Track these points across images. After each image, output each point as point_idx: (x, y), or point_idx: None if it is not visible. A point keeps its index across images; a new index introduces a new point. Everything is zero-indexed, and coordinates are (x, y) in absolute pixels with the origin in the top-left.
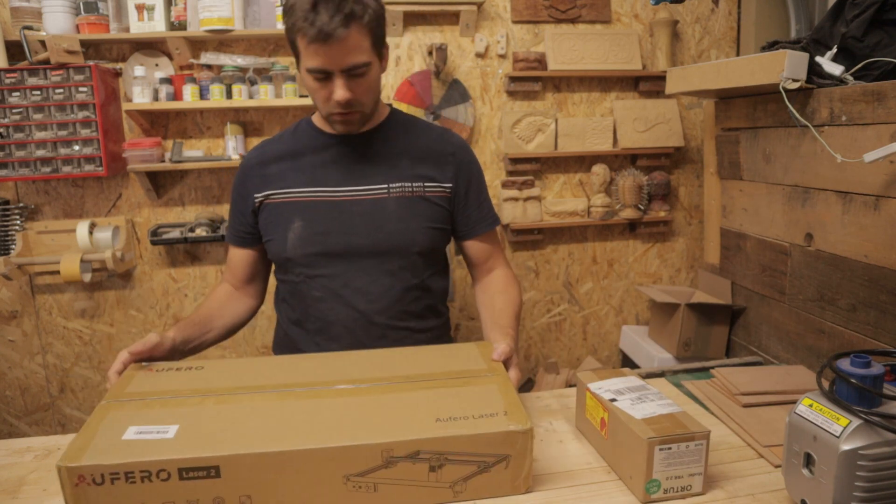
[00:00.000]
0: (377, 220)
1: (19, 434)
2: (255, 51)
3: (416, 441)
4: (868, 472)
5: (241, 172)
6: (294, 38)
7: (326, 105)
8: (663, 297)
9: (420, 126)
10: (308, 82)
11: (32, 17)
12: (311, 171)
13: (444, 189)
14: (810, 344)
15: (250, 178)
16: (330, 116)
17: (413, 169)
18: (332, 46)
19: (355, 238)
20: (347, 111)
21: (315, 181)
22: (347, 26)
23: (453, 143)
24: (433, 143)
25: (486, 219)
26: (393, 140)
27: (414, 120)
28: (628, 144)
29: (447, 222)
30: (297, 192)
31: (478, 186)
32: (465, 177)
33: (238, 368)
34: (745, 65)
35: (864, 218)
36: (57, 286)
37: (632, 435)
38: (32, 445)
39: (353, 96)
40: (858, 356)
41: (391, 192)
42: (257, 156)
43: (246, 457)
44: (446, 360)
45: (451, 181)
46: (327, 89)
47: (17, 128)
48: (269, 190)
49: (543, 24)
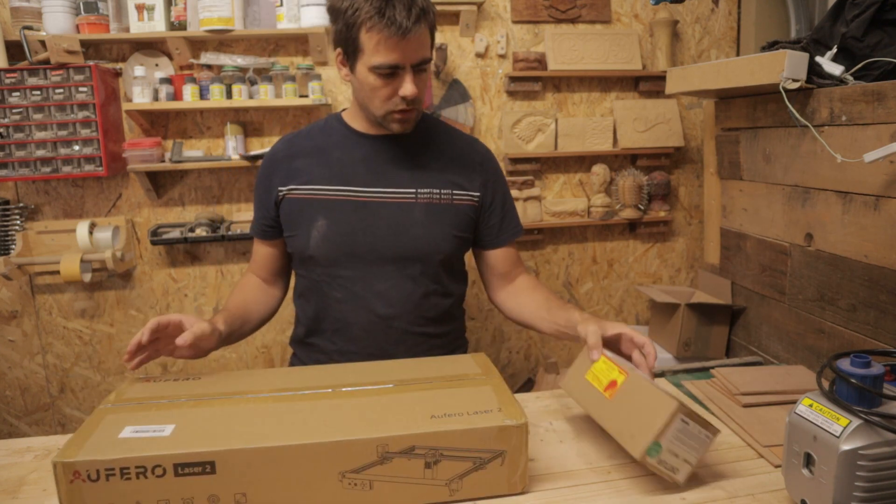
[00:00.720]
0: (403, 225)
1: (19, 434)
2: (255, 51)
3: (411, 436)
4: (868, 472)
5: (267, 164)
6: (357, 34)
7: (387, 103)
8: (663, 297)
9: (449, 132)
10: (369, 80)
11: (32, 17)
12: (339, 168)
13: (471, 198)
14: (810, 344)
15: (276, 171)
16: (388, 116)
17: (442, 175)
18: (409, 42)
19: (380, 242)
20: (410, 108)
21: (342, 179)
22: (420, 22)
23: (481, 151)
24: (462, 151)
25: (510, 229)
26: (423, 143)
27: (442, 124)
28: (628, 144)
29: (471, 231)
30: (324, 189)
31: (503, 196)
32: (492, 186)
33: (234, 378)
34: (745, 65)
35: (864, 218)
36: (57, 286)
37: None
38: (32, 445)
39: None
40: (858, 356)
41: (419, 197)
42: (284, 148)
43: (241, 452)
44: (441, 367)
45: (479, 190)
46: (392, 86)
47: (17, 128)
48: (293, 184)
49: (543, 24)
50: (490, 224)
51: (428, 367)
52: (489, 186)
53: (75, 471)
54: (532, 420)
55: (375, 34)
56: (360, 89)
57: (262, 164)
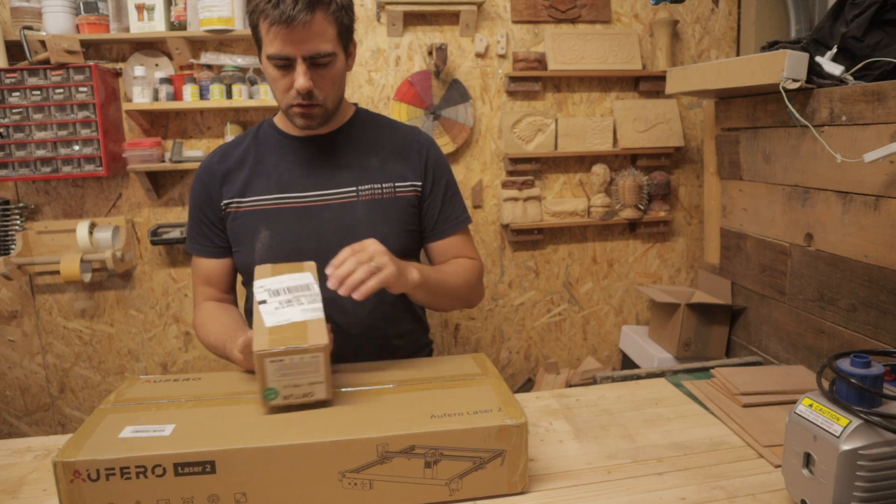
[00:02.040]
0: (347, 225)
1: (19, 434)
2: (255, 51)
3: (411, 435)
4: (868, 472)
5: (202, 179)
6: (256, 22)
7: (286, 96)
8: (663, 297)
9: (387, 124)
10: (269, 71)
11: (32, 17)
12: (276, 175)
13: (414, 187)
14: (810, 344)
15: (213, 184)
16: (290, 109)
17: (382, 168)
18: (295, 31)
19: (325, 246)
20: (308, 103)
21: (281, 187)
22: (312, 11)
23: (420, 140)
24: (401, 141)
25: (451, 219)
26: (360, 139)
27: (380, 118)
28: (628, 144)
29: (418, 222)
30: (263, 199)
31: (445, 184)
32: (432, 173)
33: (234, 378)
34: (745, 65)
35: (864, 218)
36: (57, 286)
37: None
38: (32, 445)
39: (314, 87)
40: (858, 356)
41: (360, 194)
42: (218, 161)
43: (241, 451)
44: (441, 367)
45: (420, 178)
46: (288, 78)
47: (17, 128)
48: (233, 198)
49: (543, 24)
50: (430, 214)
51: (428, 367)
52: (429, 173)
53: (75, 470)
54: (532, 420)
55: (267, 23)
56: (268, 83)
57: (196, 176)
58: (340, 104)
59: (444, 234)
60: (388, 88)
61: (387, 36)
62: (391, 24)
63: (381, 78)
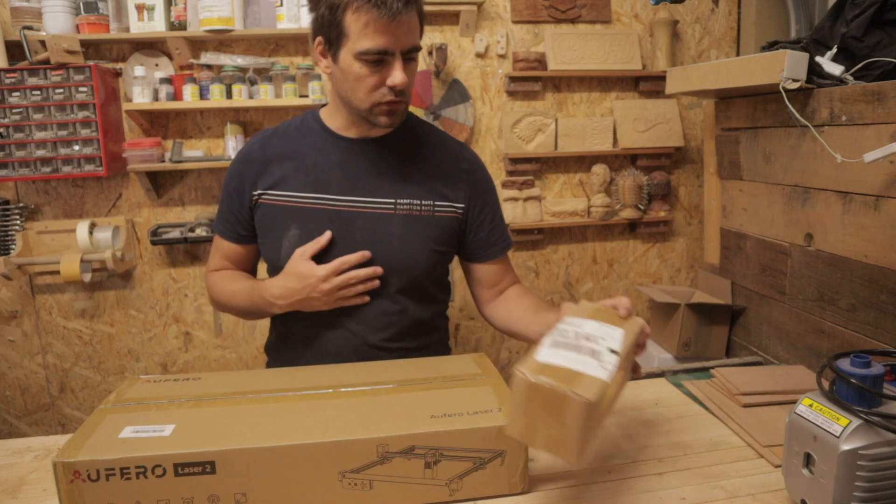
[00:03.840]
0: (380, 238)
1: (19, 434)
2: (255, 51)
3: (411, 435)
4: (868, 472)
5: (240, 163)
6: (341, 17)
7: (373, 94)
8: (663, 297)
9: (437, 136)
10: (354, 69)
11: (32, 17)
12: (314, 173)
13: (455, 209)
14: (810, 344)
15: (250, 172)
16: (374, 108)
17: (424, 184)
18: (400, 25)
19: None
20: (399, 99)
21: (318, 187)
22: (409, 6)
23: (469, 159)
24: (448, 159)
25: (499, 242)
26: (405, 149)
27: (429, 128)
28: (628, 144)
29: (453, 244)
30: (298, 196)
31: (492, 208)
32: (479, 198)
33: (234, 378)
34: (745, 65)
35: (864, 218)
36: (57, 286)
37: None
38: (32, 445)
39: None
40: (858, 356)
41: (398, 208)
42: (259, 149)
43: (242, 452)
44: (441, 367)
45: (464, 201)
46: (379, 75)
47: (17, 128)
48: (268, 189)
49: (543, 24)
50: (477, 237)
51: (428, 367)
52: (476, 198)
53: (75, 471)
54: None
55: (363, 15)
56: (342, 80)
57: (235, 161)
58: None
59: (492, 256)
60: None
61: None
62: None
63: None
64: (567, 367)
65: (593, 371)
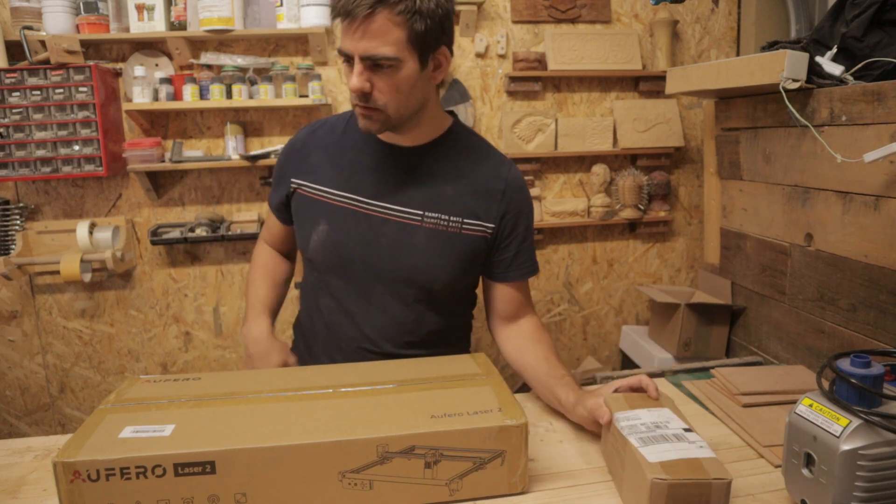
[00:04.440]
0: (403, 248)
1: (19, 434)
2: (255, 51)
3: (411, 436)
4: (868, 472)
5: (287, 150)
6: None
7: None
8: (663, 297)
9: (477, 150)
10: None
11: (32, 17)
12: (349, 171)
13: (484, 229)
14: (810, 344)
15: (291, 161)
16: (354, 108)
17: (456, 200)
18: (354, 26)
19: (376, 260)
20: (365, 105)
21: (350, 185)
22: (373, 8)
23: (507, 178)
24: (485, 175)
25: (524, 266)
26: (443, 162)
27: (473, 140)
28: (628, 144)
29: (479, 263)
30: (330, 192)
31: (524, 230)
32: (511, 218)
33: (235, 378)
34: (745, 65)
35: (864, 218)
36: (57, 286)
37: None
38: (32, 445)
39: (375, 90)
40: (858, 356)
41: (425, 221)
42: (305, 138)
43: (241, 452)
44: (441, 367)
45: (495, 221)
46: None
47: (17, 128)
48: (304, 180)
49: (543, 24)
50: (502, 258)
51: (428, 367)
52: (508, 219)
53: (75, 471)
54: (532, 420)
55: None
56: None
57: (285, 147)
58: (418, 115)
59: (513, 279)
60: None
61: None
62: None
63: None
64: (678, 458)
65: (698, 453)
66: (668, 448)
